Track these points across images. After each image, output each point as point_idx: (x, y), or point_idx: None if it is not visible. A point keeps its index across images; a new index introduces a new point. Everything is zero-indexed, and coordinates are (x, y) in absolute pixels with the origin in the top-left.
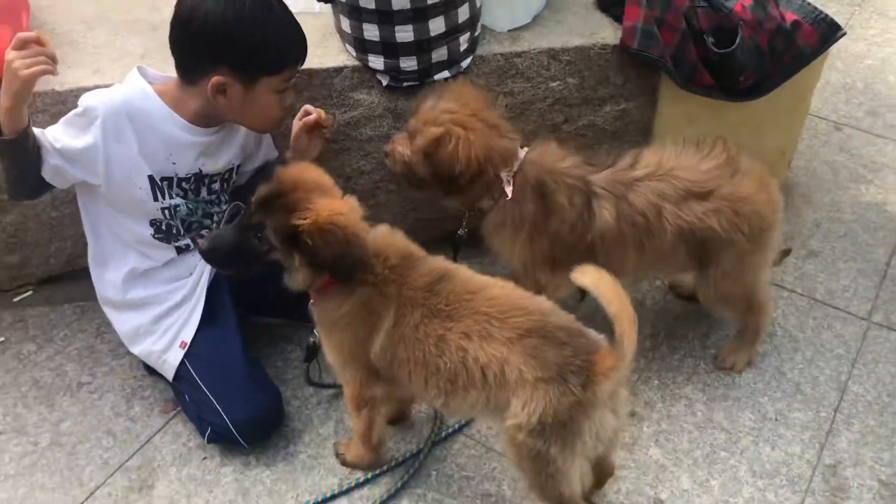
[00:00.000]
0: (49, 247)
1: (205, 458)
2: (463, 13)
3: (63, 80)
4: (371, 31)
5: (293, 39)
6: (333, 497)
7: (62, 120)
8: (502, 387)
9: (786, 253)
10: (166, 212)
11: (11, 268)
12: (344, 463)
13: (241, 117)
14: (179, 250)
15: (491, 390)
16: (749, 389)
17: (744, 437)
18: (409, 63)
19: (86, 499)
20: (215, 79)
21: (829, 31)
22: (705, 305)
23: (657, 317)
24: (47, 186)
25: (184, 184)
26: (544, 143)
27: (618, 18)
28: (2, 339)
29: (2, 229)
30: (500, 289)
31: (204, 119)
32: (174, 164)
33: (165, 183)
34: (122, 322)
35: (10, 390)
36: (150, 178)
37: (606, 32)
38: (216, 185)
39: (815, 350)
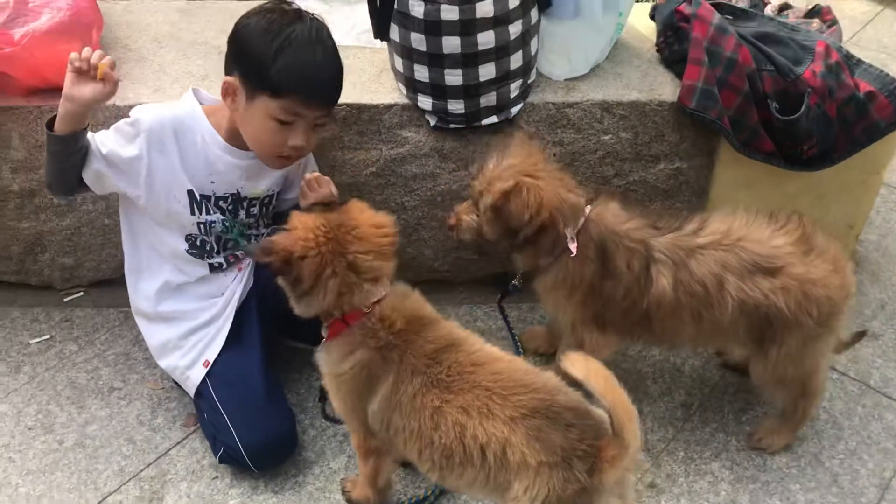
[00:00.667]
0: (101, 252)
1: (215, 478)
2: (515, 60)
3: (125, 96)
4: (421, 73)
5: (308, 75)
6: None
7: (112, 127)
8: (503, 468)
9: (860, 335)
10: (202, 227)
11: (65, 269)
12: (349, 501)
13: (242, 130)
14: (213, 268)
15: (491, 470)
16: (781, 474)
17: None
18: (456, 106)
19: (98, 503)
20: (227, 79)
21: None
22: (757, 384)
23: (693, 384)
24: (84, 188)
25: (221, 203)
26: (607, 201)
27: (680, 75)
28: (47, 336)
29: (59, 232)
30: (506, 363)
31: (234, 136)
32: (213, 182)
33: (204, 200)
34: (152, 334)
35: (47, 388)
36: (190, 192)
37: (665, 89)
38: (255, 210)
39: (860, 440)
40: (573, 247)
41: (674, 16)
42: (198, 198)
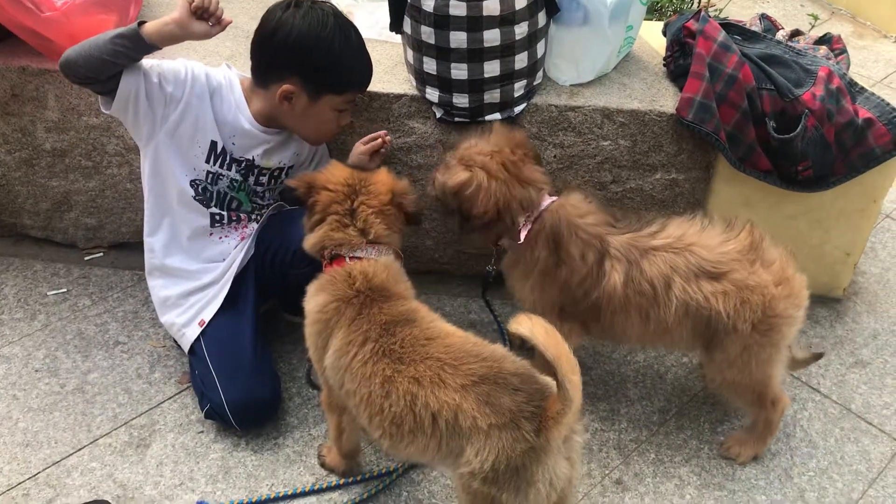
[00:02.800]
0: (122, 216)
1: (200, 432)
2: (520, 60)
3: None
4: (430, 65)
5: (362, 66)
6: (304, 494)
7: (166, 61)
8: (455, 433)
9: (816, 357)
10: (210, 175)
11: (88, 229)
12: (323, 465)
13: (297, 126)
14: (213, 221)
15: (443, 437)
16: (748, 484)
17: None
18: (461, 100)
19: (89, 444)
20: (286, 87)
21: None
22: (710, 388)
23: (673, 392)
24: (99, 85)
25: (234, 165)
26: (569, 195)
27: (683, 89)
28: (64, 289)
29: (85, 192)
30: (458, 337)
31: (264, 119)
32: (234, 144)
33: (222, 154)
34: (157, 289)
35: (57, 336)
36: (213, 142)
37: (667, 101)
38: (264, 179)
39: (832, 460)
40: (522, 234)
41: (681, 31)
42: (217, 150)
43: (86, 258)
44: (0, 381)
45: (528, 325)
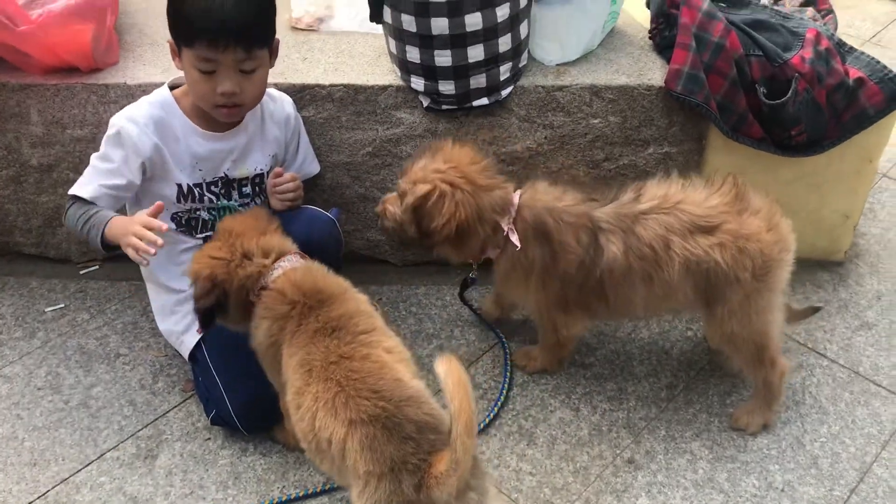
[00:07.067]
0: None
1: (208, 439)
2: (504, 43)
3: (135, 76)
4: (413, 54)
5: (210, 19)
6: (315, 494)
7: (101, 150)
8: (344, 468)
9: (814, 310)
10: (188, 210)
11: (81, 243)
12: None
13: (190, 89)
14: (206, 240)
15: (335, 464)
16: (760, 455)
17: (742, 503)
18: (447, 87)
19: (97, 458)
20: (168, 39)
21: None
22: (713, 346)
23: (680, 367)
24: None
25: (213, 188)
26: (534, 184)
27: (670, 61)
28: (62, 305)
29: None
30: (372, 363)
31: (201, 117)
32: (201, 170)
33: (197, 188)
34: (155, 297)
35: (58, 352)
36: (178, 185)
37: (655, 74)
38: (247, 189)
39: (843, 425)
40: (515, 239)
41: (665, 3)
42: (185, 189)
43: (81, 272)
44: (3, 401)
45: (443, 369)
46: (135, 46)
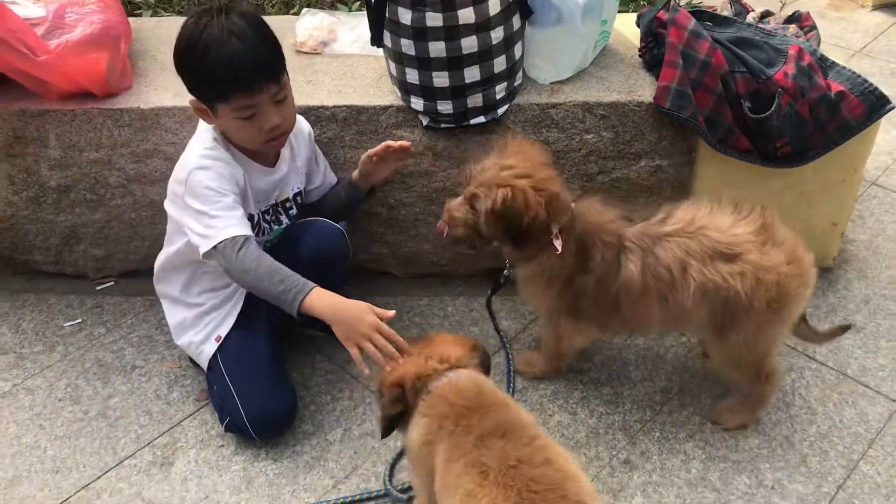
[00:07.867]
0: (129, 244)
1: (221, 446)
2: (499, 64)
3: (147, 100)
4: (412, 75)
5: (236, 71)
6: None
7: (202, 196)
8: None
9: (843, 329)
10: None
11: (97, 260)
12: None
13: (231, 138)
14: None
15: None
16: (751, 454)
17: (734, 500)
18: (445, 106)
19: (115, 465)
20: (190, 100)
21: (877, 104)
22: (714, 367)
23: (674, 371)
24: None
25: (266, 216)
26: (590, 198)
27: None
28: (79, 320)
29: (92, 224)
30: (548, 465)
31: (254, 153)
32: (258, 202)
33: (258, 219)
34: (173, 315)
35: (77, 365)
36: (251, 216)
37: (645, 91)
38: (292, 209)
39: (831, 425)
40: (558, 244)
41: (653, 22)
42: (254, 221)
43: (97, 288)
44: (26, 412)
45: None
46: (147, 72)
